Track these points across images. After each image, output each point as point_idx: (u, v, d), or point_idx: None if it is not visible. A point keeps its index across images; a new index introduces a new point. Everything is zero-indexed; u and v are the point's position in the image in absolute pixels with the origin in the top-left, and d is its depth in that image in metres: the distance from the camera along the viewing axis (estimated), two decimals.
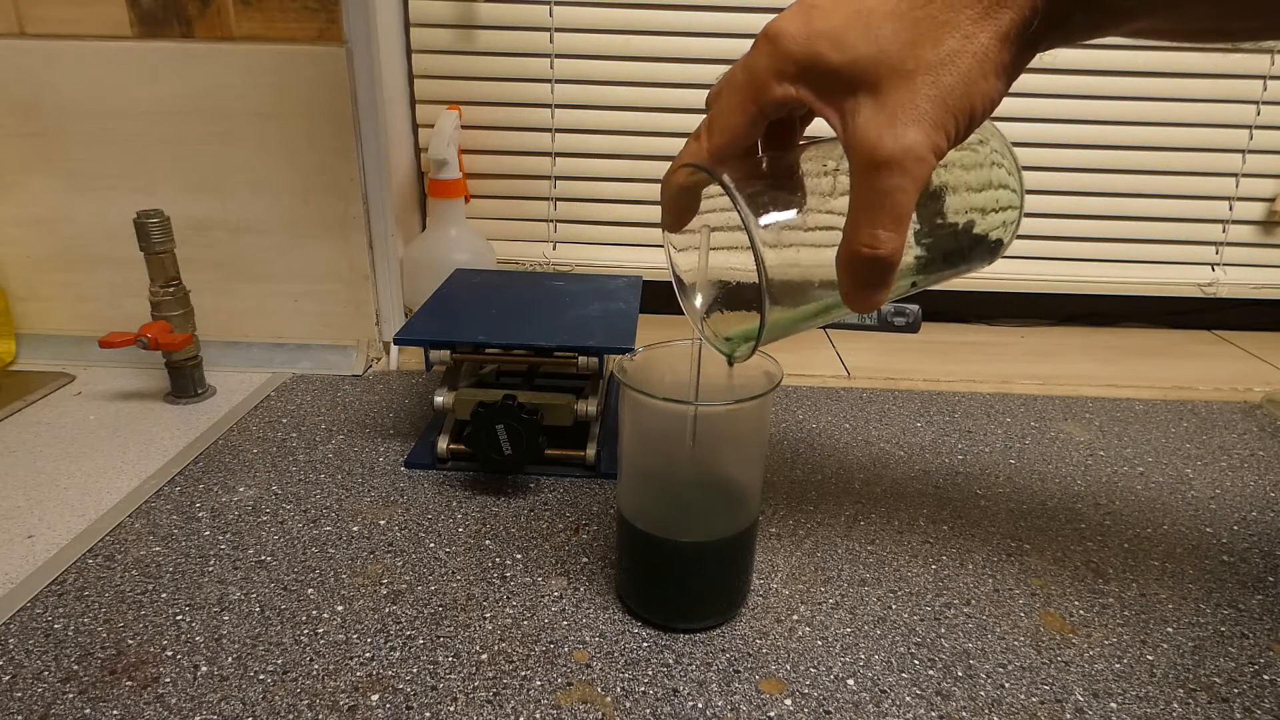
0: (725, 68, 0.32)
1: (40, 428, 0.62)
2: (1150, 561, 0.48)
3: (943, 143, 0.29)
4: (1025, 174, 0.95)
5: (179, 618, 0.42)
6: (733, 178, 0.32)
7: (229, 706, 0.36)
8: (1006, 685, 0.39)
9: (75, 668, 0.39)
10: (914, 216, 0.31)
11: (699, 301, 0.38)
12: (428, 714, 0.36)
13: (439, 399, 0.55)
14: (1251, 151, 0.83)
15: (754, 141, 0.33)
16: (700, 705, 0.37)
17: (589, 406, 0.54)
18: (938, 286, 0.40)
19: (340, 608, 0.43)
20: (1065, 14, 0.30)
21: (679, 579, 0.41)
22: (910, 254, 0.36)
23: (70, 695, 0.37)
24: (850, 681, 0.39)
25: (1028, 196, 0.85)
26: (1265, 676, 0.40)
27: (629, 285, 0.66)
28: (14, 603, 0.43)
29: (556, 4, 0.79)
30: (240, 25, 0.64)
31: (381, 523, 0.50)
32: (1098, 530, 0.51)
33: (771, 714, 0.37)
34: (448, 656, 0.40)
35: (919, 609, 0.44)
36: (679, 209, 0.36)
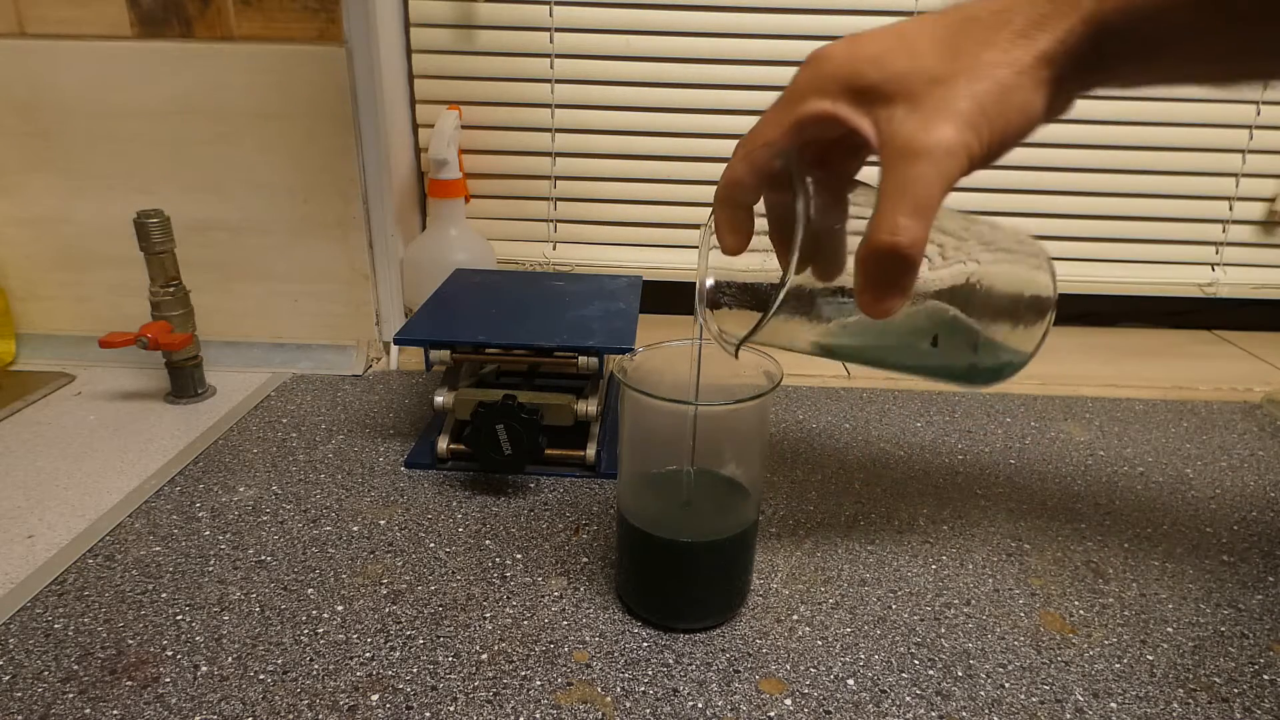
0: (724, 67, 0.33)
1: (40, 428, 0.62)
2: (1150, 561, 0.48)
3: (974, 142, 0.30)
4: (1026, 173, 0.94)
5: (179, 618, 0.42)
6: (775, 198, 0.32)
7: (229, 706, 0.36)
8: (1006, 685, 0.39)
9: (75, 668, 0.39)
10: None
11: (710, 284, 0.38)
12: (428, 714, 0.36)
13: (439, 399, 0.55)
14: (1251, 151, 0.83)
15: (787, 152, 0.33)
16: (700, 705, 0.37)
17: (589, 406, 0.54)
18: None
19: (340, 608, 0.43)
20: (1101, 41, 0.30)
21: (679, 579, 0.41)
22: (946, 277, 0.36)
23: (70, 695, 0.37)
24: (850, 681, 0.39)
25: (1030, 197, 0.85)
26: (1265, 676, 0.40)
27: (629, 285, 0.66)
28: (14, 603, 0.43)
29: (556, 4, 0.79)
30: (240, 25, 0.64)
31: (381, 523, 0.50)
32: (1098, 530, 0.51)
33: (771, 714, 0.37)
34: (448, 656, 0.40)
35: (919, 609, 0.44)
36: (738, 230, 0.36)
